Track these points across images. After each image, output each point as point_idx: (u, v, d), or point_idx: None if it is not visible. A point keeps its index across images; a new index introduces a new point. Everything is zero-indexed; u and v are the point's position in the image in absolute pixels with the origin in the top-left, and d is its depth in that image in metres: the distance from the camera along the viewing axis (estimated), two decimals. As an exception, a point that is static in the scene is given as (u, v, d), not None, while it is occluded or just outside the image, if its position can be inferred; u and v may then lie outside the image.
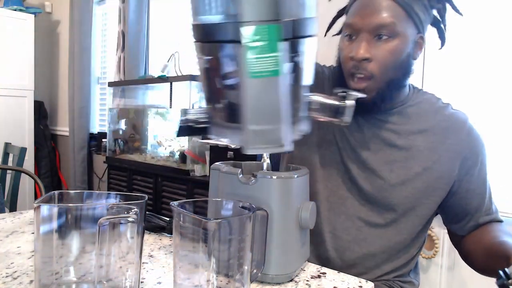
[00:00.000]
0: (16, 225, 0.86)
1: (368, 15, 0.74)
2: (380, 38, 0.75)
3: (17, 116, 3.25)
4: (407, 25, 0.76)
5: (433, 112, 0.84)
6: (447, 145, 0.82)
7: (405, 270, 0.88)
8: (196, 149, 2.13)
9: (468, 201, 0.84)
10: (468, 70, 1.49)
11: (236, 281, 0.51)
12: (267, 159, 0.69)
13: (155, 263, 0.68)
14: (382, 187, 0.82)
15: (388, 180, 0.82)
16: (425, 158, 0.82)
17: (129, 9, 2.77)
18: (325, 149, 0.87)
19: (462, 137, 0.82)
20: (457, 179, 0.83)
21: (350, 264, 0.84)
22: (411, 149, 0.82)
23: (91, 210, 0.50)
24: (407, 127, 0.83)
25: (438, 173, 0.82)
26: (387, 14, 0.73)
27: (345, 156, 0.85)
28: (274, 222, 0.59)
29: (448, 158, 0.82)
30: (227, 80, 0.54)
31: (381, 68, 0.76)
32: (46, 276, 0.49)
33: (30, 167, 3.30)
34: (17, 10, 3.25)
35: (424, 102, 0.86)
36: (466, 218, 0.85)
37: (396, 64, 0.77)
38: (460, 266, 1.49)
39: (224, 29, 0.50)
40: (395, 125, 0.84)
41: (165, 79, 2.26)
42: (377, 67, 0.76)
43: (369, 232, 0.83)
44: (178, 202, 0.52)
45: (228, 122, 0.55)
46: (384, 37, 0.74)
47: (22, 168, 1.82)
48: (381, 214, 0.83)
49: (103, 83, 3.36)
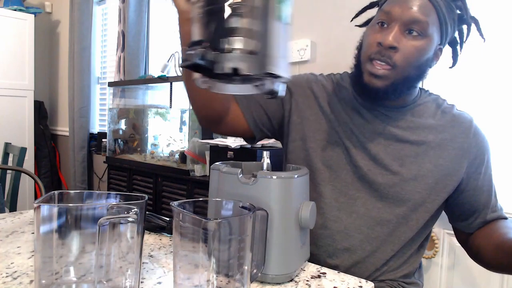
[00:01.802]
0: (16, 225, 0.86)
1: (406, 7, 0.76)
2: (410, 32, 0.77)
3: (17, 116, 3.25)
4: (436, 31, 0.79)
5: (440, 112, 0.87)
6: (456, 143, 0.84)
7: (411, 269, 0.88)
8: (196, 149, 2.13)
9: (476, 198, 0.85)
10: (468, 70, 1.49)
11: (236, 281, 0.51)
12: (267, 159, 0.69)
13: (155, 263, 0.68)
14: (394, 182, 0.83)
15: (400, 174, 0.83)
16: (436, 154, 0.83)
17: (129, 9, 2.77)
18: (330, 150, 0.87)
19: (470, 136, 0.85)
20: (465, 177, 0.84)
21: (359, 262, 0.84)
22: (423, 145, 0.84)
23: (91, 210, 0.50)
24: (418, 123, 0.85)
25: (447, 170, 0.83)
26: (423, 12, 0.76)
27: (354, 154, 0.85)
28: (274, 222, 0.60)
29: (457, 156, 0.84)
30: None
31: (404, 61, 0.77)
32: (46, 276, 0.49)
33: (30, 167, 3.30)
34: (17, 10, 3.25)
35: (431, 102, 0.88)
36: (473, 215, 0.87)
37: (418, 63, 0.79)
38: (460, 266, 1.49)
39: None
40: (406, 122, 0.85)
41: (165, 79, 2.26)
42: (401, 59, 0.77)
43: (381, 230, 0.84)
44: (178, 202, 0.52)
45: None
46: (415, 33, 0.77)
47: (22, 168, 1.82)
48: (393, 211, 0.83)
49: (103, 83, 3.36)
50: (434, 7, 0.77)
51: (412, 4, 0.76)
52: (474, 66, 1.48)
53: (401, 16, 0.76)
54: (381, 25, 0.80)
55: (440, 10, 0.78)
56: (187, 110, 2.15)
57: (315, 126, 0.90)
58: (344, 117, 0.87)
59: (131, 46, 2.80)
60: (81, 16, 3.19)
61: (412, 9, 0.76)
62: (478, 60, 1.47)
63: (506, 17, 1.41)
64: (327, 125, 0.89)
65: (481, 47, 1.45)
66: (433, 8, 0.77)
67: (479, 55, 1.46)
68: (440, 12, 0.78)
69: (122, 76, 2.85)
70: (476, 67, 1.47)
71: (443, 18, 0.79)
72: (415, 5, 0.76)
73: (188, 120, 2.15)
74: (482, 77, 1.47)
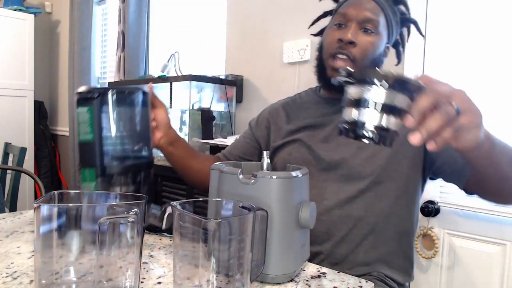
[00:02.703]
0: (16, 225, 0.86)
1: (360, 8, 0.89)
2: (365, 31, 0.89)
3: (17, 116, 3.25)
4: (384, 30, 0.92)
5: None
6: None
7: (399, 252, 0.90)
8: (196, 149, 2.13)
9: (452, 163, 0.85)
10: (468, 70, 1.49)
11: (236, 281, 0.51)
12: (267, 159, 0.69)
13: (155, 263, 0.68)
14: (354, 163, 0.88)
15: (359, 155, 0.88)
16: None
17: (129, 9, 2.77)
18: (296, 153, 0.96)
19: None
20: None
21: (339, 242, 0.87)
22: None
23: (91, 210, 0.50)
24: None
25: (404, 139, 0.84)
26: (374, 13, 0.89)
27: (316, 148, 0.93)
28: (274, 222, 0.60)
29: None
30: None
31: (362, 54, 0.89)
32: (46, 276, 0.49)
33: (30, 167, 3.30)
34: (17, 10, 3.25)
35: None
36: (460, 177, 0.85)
37: (373, 56, 0.90)
38: (460, 266, 1.50)
39: None
40: None
41: (165, 79, 2.26)
42: (360, 53, 0.88)
43: (351, 207, 0.87)
44: (178, 202, 0.52)
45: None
46: (369, 30, 0.89)
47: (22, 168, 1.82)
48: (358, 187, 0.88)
49: (103, 83, 3.36)
50: (382, 9, 0.90)
51: (365, 6, 0.89)
52: (473, 66, 1.48)
53: (356, 16, 0.89)
54: (338, 26, 0.92)
55: (386, 12, 0.91)
56: (187, 110, 2.15)
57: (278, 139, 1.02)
58: (306, 120, 0.98)
59: (131, 46, 2.80)
60: (81, 16, 3.19)
61: (365, 10, 0.89)
62: (477, 60, 1.47)
63: (506, 17, 1.41)
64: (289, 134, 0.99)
65: (481, 47, 1.45)
66: (381, 10, 0.90)
67: (479, 55, 1.46)
68: (387, 14, 0.91)
69: (122, 76, 2.85)
70: (475, 67, 1.48)
71: (389, 19, 0.92)
72: (367, 7, 0.89)
73: (188, 120, 2.15)
74: (482, 77, 1.47)
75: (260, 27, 2.15)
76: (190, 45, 2.64)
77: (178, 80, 2.17)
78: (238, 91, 2.25)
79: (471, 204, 1.44)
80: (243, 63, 2.26)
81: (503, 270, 1.41)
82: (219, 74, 2.28)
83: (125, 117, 0.78)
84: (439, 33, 1.54)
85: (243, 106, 2.27)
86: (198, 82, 2.13)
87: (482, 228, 1.45)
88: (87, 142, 0.76)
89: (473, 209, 1.44)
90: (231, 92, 2.24)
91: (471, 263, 1.47)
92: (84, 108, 0.76)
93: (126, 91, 0.79)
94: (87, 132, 0.75)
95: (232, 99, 2.26)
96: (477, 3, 1.45)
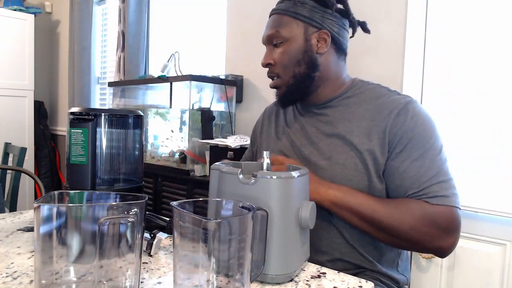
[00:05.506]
0: (16, 225, 0.86)
1: (266, 31, 0.95)
2: (276, 45, 0.93)
3: (17, 116, 3.26)
4: (294, 28, 0.91)
5: (374, 99, 0.89)
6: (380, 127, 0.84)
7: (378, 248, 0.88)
8: (196, 149, 2.13)
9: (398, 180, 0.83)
10: (468, 70, 1.49)
11: (236, 281, 0.51)
12: (267, 159, 0.69)
13: (155, 263, 0.68)
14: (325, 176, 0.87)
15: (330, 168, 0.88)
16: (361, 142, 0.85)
17: (129, 9, 2.77)
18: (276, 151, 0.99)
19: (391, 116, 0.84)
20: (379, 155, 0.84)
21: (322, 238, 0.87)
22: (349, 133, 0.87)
23: (91, 210, 0.50)
24: (344, 116, 0.90)
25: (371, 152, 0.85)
26: (272, 26, 0.93)
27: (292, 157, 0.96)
28: (274, 222, 0.60)
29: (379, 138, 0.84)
30: None
31: (281, 68, 0.93)
32: (46, 276, 0.49)
33: (30, 167, 3.30)
34: (17, 10, 3.25)
35: (367, 92, 0.92)
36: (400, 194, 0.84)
37: (292, 61, 0.92)
38: (460, 266, 1.50)
39: None
40: (329, 117, 0.93)
41: (165, 79, 2.26)
42: (278, 67, 0.93)
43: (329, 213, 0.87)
44: (178, 202, 0.52)
45: None
46: (277, 44, 0.93)
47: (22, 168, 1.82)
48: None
49: (103, 83, 3.36)
50: (279, 14, 0.92)
51: (269, 25, 0.94)
52: (473, 66, 1.48)
53: (265, 39, 0.95)
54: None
55: (299, 15, 0.90)
56: (187, 110, 2.15)
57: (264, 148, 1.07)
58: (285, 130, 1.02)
59: (131, 46, 2.80)
60: (81, 16, 3.19)
61: (269, 29, 0.94)
62: (477, 60, 1.47)
63: (506, 17, 1.41)
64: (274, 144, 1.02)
65: (481, 47, 1.45)
66: (279, 14, 0.92)
67: (479, 55, 1.46)
68: (286, 12, 0.91)
69: (122, 76, 2.85)
70: (475, 67, 1.48)
71: (294, 14, 0.90)
72: (268, 26, 0.94)
73: (188, 120, 2.15)
74: (482, 77, 1.47)
75: (260, 27, 2.15)
76: (190, 45, 2.64)
77: (178, 80, 2.17)
78: (238, 91, 2.25)
79: (471, 204, 1.45)
80: (243, 63, 2.26)
81: (503, 270, 1.41)
82: (219, 74, 2.28)
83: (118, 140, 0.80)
84: (439, 33, 1.55)
85: (243, 106, 2.27)
86: (198, 82, 2.14)
87: (482, 228, 1.45)
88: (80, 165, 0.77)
89: (473, 209, 1.44)
90: (231, 92, 2.24)
91: (471, 263, 1.47)
92: (79, 130, 0.77)
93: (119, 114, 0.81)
94: (81, 155, 0.77)
95: (232, 99, 2.26)
96: (477, 3, 1.46)
